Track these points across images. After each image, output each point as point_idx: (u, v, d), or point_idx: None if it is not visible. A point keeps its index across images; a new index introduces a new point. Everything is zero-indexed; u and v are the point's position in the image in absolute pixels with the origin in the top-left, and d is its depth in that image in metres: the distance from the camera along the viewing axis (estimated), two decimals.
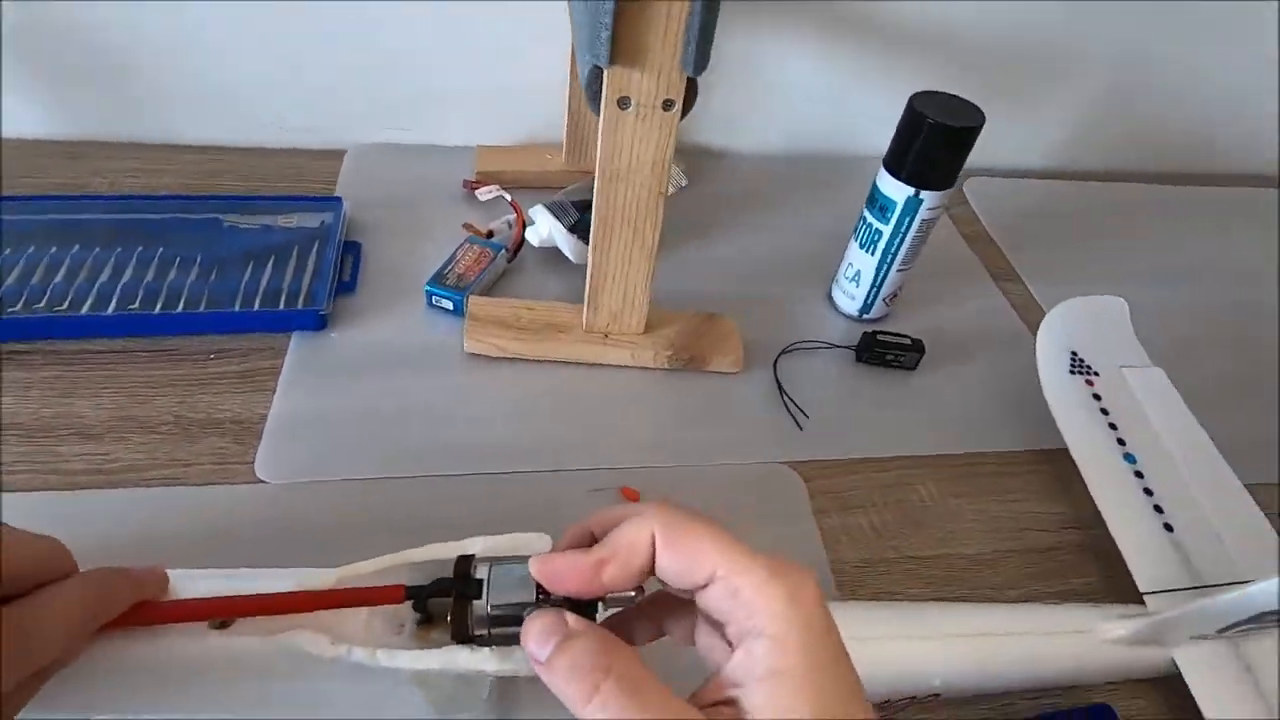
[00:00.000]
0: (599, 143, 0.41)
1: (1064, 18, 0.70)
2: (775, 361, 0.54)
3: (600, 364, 0.52)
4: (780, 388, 0.52)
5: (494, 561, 0.25)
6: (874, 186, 0.52)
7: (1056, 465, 0.49)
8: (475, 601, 0.24)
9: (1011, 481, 0.49)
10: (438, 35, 0.63)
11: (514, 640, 0.24)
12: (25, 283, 0.49)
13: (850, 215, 0.57)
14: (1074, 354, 0.49)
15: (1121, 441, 0.45)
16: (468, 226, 0.60)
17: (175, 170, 0.63)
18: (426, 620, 0.26)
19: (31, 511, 0.39)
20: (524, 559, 0.25)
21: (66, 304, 0.48)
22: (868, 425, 0.51)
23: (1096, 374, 0.48)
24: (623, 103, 0.39)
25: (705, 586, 0.24)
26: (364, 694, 0.26)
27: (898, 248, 0.53)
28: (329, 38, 0.62)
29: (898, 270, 0.54)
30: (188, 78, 0.63)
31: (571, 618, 0.23)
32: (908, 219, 0.51)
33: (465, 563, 0.25)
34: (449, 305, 0.53)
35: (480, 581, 0.25)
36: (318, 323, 0.51)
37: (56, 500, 0.40)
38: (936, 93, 0.50)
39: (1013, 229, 0.71)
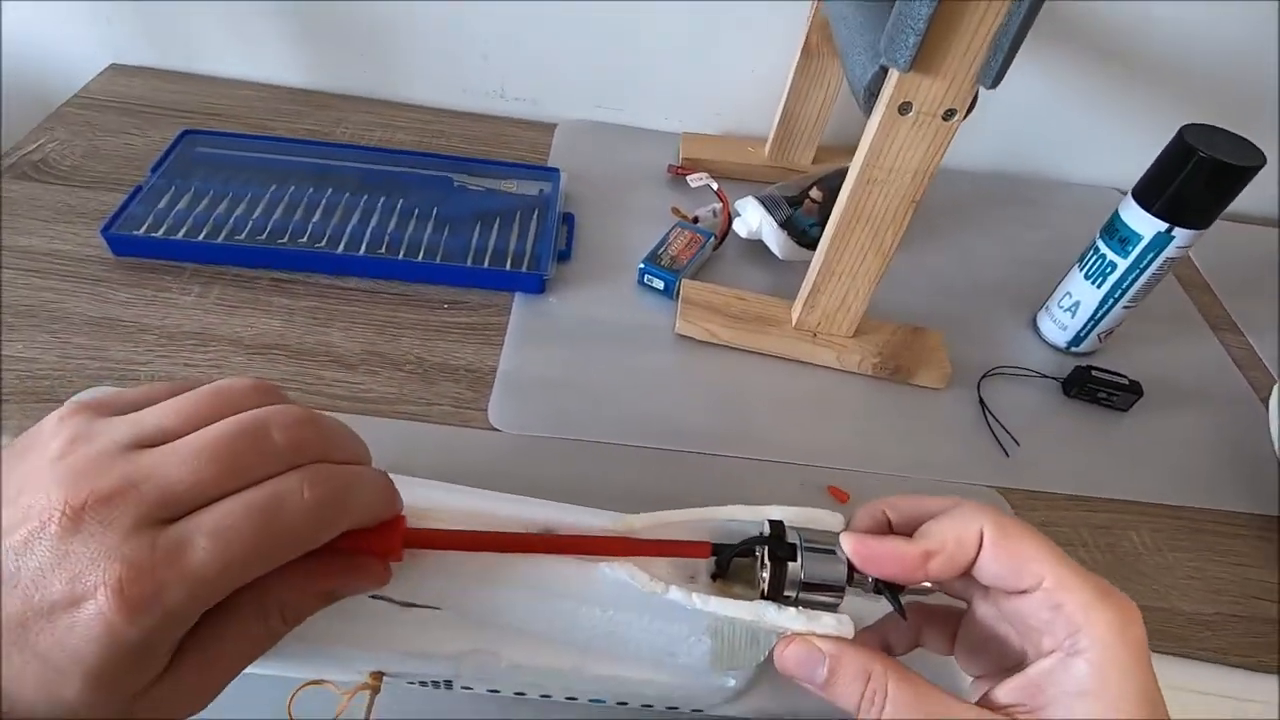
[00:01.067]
0: (864, 143, 0.42)
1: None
2: (979, 383, 0.53)
3: (805, 362, 0.52)
4: (986, 409, 0.51)
5: (800, 531, 0.27)
6: (1115, 216, 0.50)
7: None
8: (791, 564, 0.25)
9: (1235, 543, 0.46)
10: (654, 20, 0.65)
11: (817, 606, 0.25)
12: (289, 218, 0.54)
13: (1056, 242, 0.55)
14: None
15: None
16: (676, 211, 0.61)
17: (404, 127, 0.67)
18: (718, 576, 0.28)
19: None
20: (829, 534, 0.26)
21: (324, 241, 0.53)
22: (1078, 462, 0.49)
23: None
24: (904, 108, 0.39)
25: (1026, 592, 0.24)
26: (659, 631, 0.27)
27: (1131, 283, 0.51)
28: (552, 13, 0.64)
29: (1123, 307, 0.52)
30: (425, 42, 0.67)
31: (820, 640, 0.25)
32: (1151, 255, 0.49)
33: (779, 526, 0.27)
34: (660, 285, 0.55)
35: (794, 546, 0.26)
36: (540, 286, 0.53)
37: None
38: (1208, 126, 0.47)
39: (1232, 277, 0.66)
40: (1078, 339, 0.55)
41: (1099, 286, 0.52)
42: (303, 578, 0.23)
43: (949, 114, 0.39)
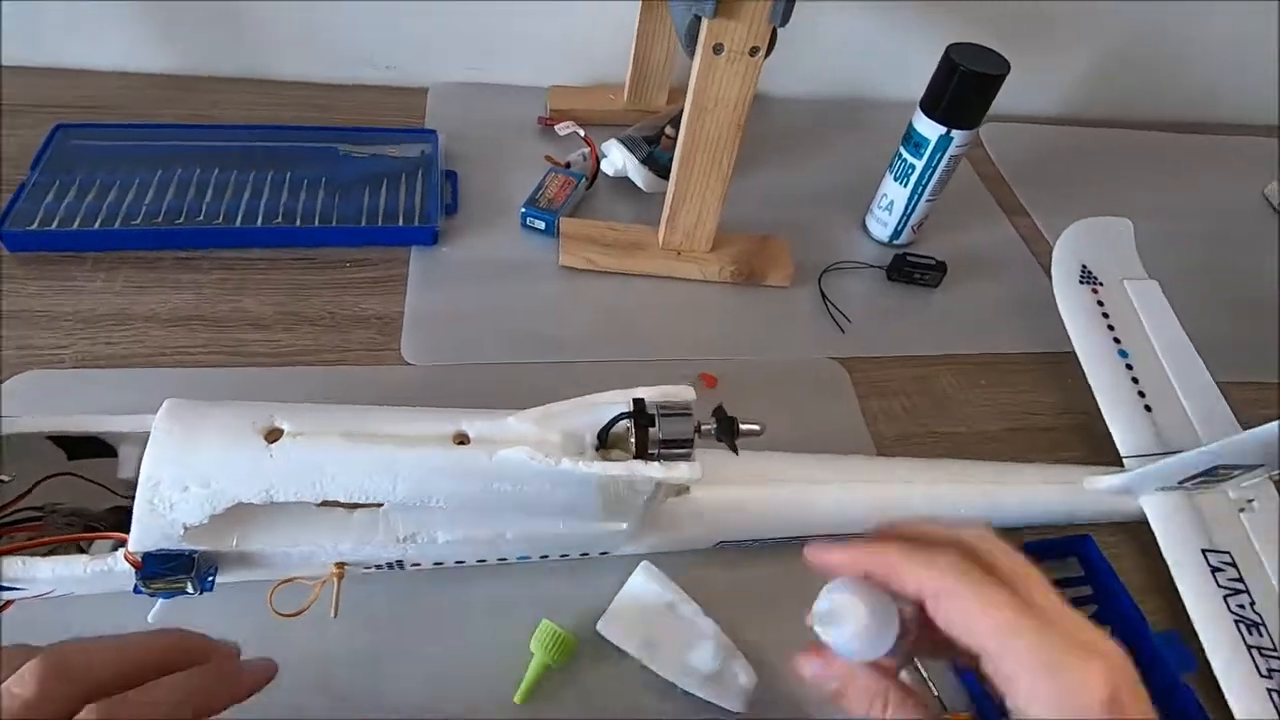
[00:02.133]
0: (691, 81, 0.49)
1: None
2: (820, 278, 0.63)
3: (673, 277, 0.60)
4: (825, 298, 0.61)
5: (661, 404, 0.34)
6: (910, 126, 0.61)
7: (1060, 365, 0.59)
8: (651, 429, 0.34)
9: (1020, 376, 0.59)
10: None
11: (676, 458, 0.34)
12: (182, 199, 0.57)
13: (879, 155, 0.65)
14: (1084, 266, 0.58)
15: (1118, 340, 0.54)
16: (549, 159, 0.67)
17: (283, 104, 0.70)
18: (602, 446, 0.35)
19: (227, 384, 0.48)
20: (681, 403, 0.34)
21: (221, 218, 0.56)
22: (899, 330, 0.61)
23: (1101, 284, 0.57)
24: (717, 49, 0.47)
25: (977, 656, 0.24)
26: (560, 495, 0.35)
27: (928, 180, 0.61)
28: None
29: (926, 200, 0.63)
30: (290, 17, 0.69)
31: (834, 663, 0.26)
32: (939, 155, 0.60)
33: (640, 403, 0.34)
34: (541, 225, 0.61)
35: (653, 415, 0.34)
36: (432, 238, 0.59)
37: (246, 375, 0.49)
38: (970, 44, 0.57)
39: (1024, 171, 0.79)
40: (896, 232, 0.66)
41: (905, 186, 0.63)
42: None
43: (754, 50, 0.47)
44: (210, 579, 0.34)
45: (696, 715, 0.39)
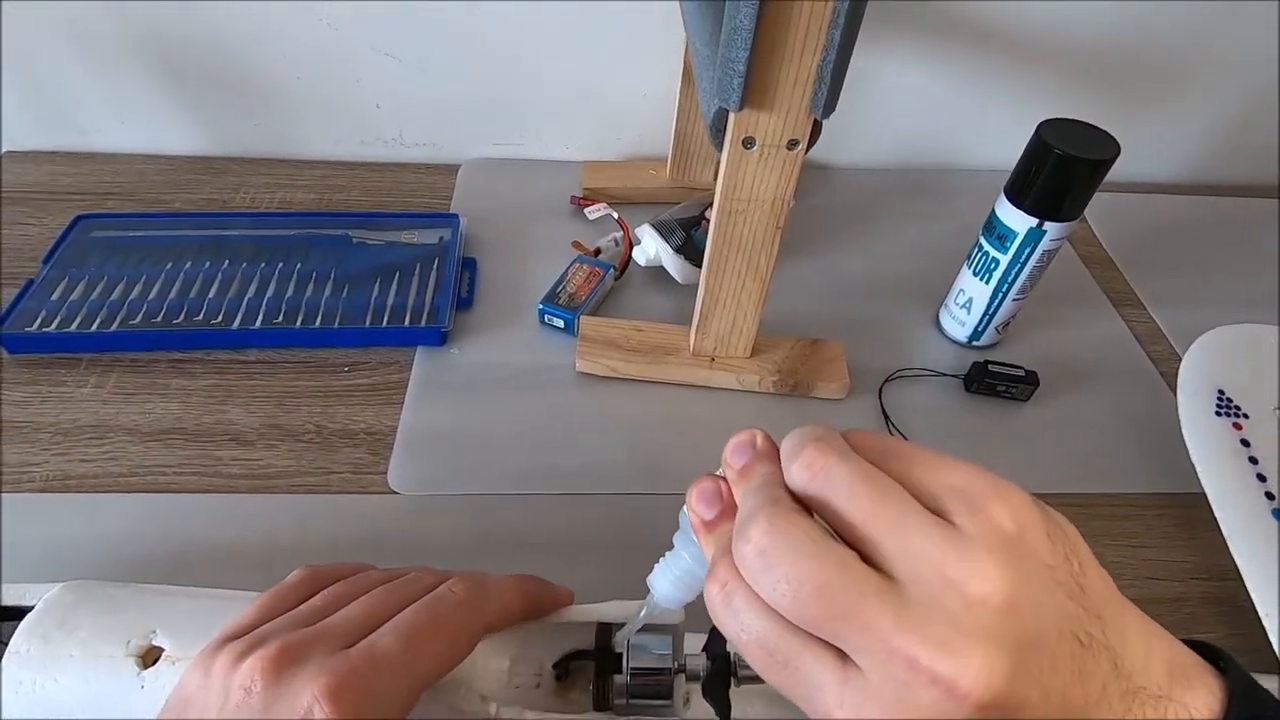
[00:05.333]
0: (718, 178, 0.42)
1: (1196, 20, 0.65)
2: (881, 389, 0.54)
3: (707, 387, 0.53)
4: (886, 416, 0.52)
5: (632, 634, 0.27)
6: (992, 215, 0.51)
7: (1186, 511, 0.47)
8: (616, 676, 0.26)
9: (1134, 525, 0.47)
10: (540, 50, 0.65)
11: (651, 711, 0.26)
12: (184, 296, 0.54)
13: (960, 232, 0.56)
14: (1221, 392, 0.46)
15: (1270, 496, 0.43)
16: (576, 245, 0.61)
17: (305, 185, 0.67)
18: (565, 677, 0.28)
19: (200, 511, 0.44)
20: (662, 628, 0.27)
21: (220, 317, 0.53)
22: (979, 458, 0.49)
23: (1246, 416, 0.46)
24: (747, 143, 0.39)
25: None
26: None
27: (1014, 277, 0.51)
28: (439, 55, 0.65)
29: (1013, 300, 0.53)
30: (316, 96, 0.67)
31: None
32: (1028, 249, 0.50)
33: (606, 634, 0.27)
34: (561, 324, 0.55)
35: (619, 655, 0.26)
36: (440, 339, 0.54)
37: (218, 502, 0.44)
38: (1065, 120, 0.48)
39: (1136, 250, 0.67)
40: (976, 333, 0.56)
41: (986, 283, 0.53)
42: None
43: (792, 144, 0.39)
44: None
45: None
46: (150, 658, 0.25)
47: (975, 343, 0.57)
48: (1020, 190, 0.49)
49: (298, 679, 0.22)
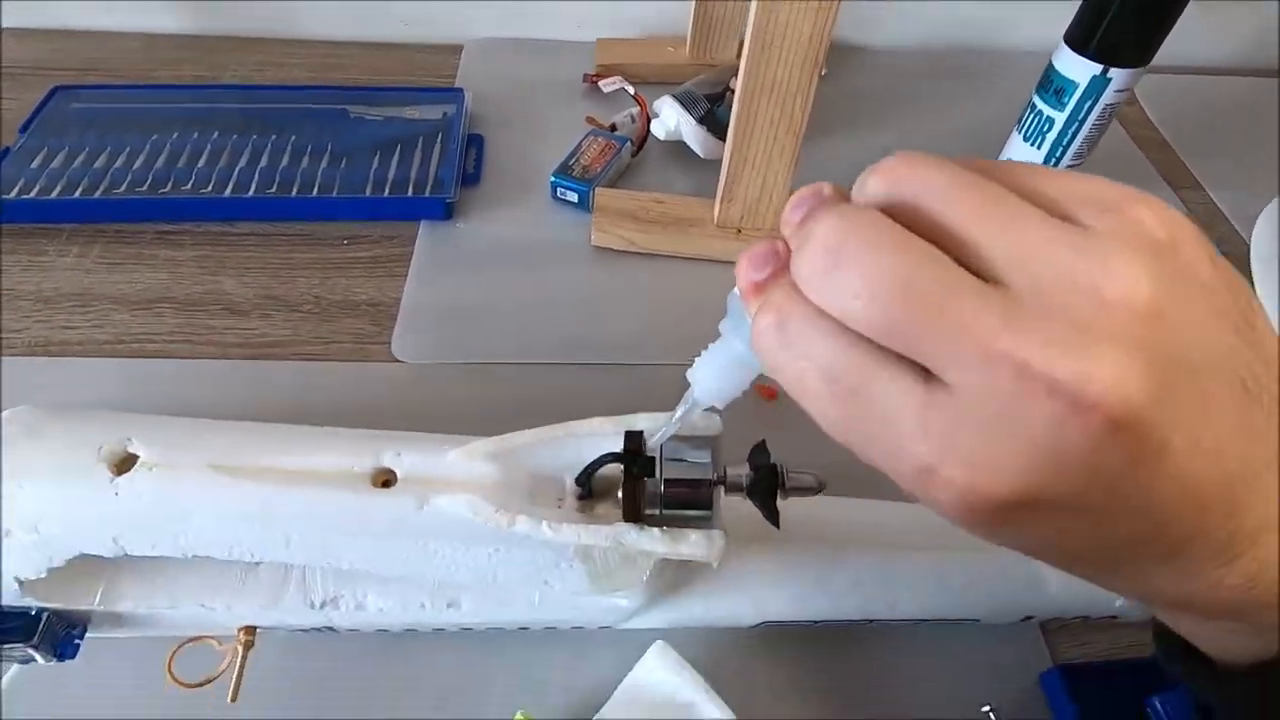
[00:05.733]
0: (753, 5, 0.38)
1: None
2: None
3: (731, 262, 0.49)
4: None
5: (665, 439, 0.24)
6: (1049, 69, 0.46)
7: None
8: (649, 479, 0.23)
9: None
10: None
11: (685, 522, 0.23)
12: (171, 166, 0.50)
13: (1001, 117, 0.51)
14: None
15: None
16: (590, 120, 0.57)
17: (301, 64, 0.63)
18: (588, 495, 0.25)
19: (194, 377, 0.41)
20: (698, 438, 0.24)
21: (210, 187, 0.49)
22: None
23: None
24: None
25: None
26: (526, 560, 0.25)
27: (1071, 139, 0.47)
28: None
29: (1067, 166, 0.49)
30: None
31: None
32: (1089, 102, 0.45)
33: (636, 439, 0.24)
34: (574, 197, 0.51)
35: (652, 459, 0.23)
36: (445, 212, 0.50)
37: (212, 367, 0.41)
38: None
39: (1191, 133, 0.62)
40: None
41: (1038, 147, 0.48)
42: None
43: None
44: (73, 644, 0.26)
45: None
46: (125, 465, 0.23)
47: None
48: (1084, 35, 0.44)
49: None
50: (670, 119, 0.54)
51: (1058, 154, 0.48)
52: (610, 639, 0.32)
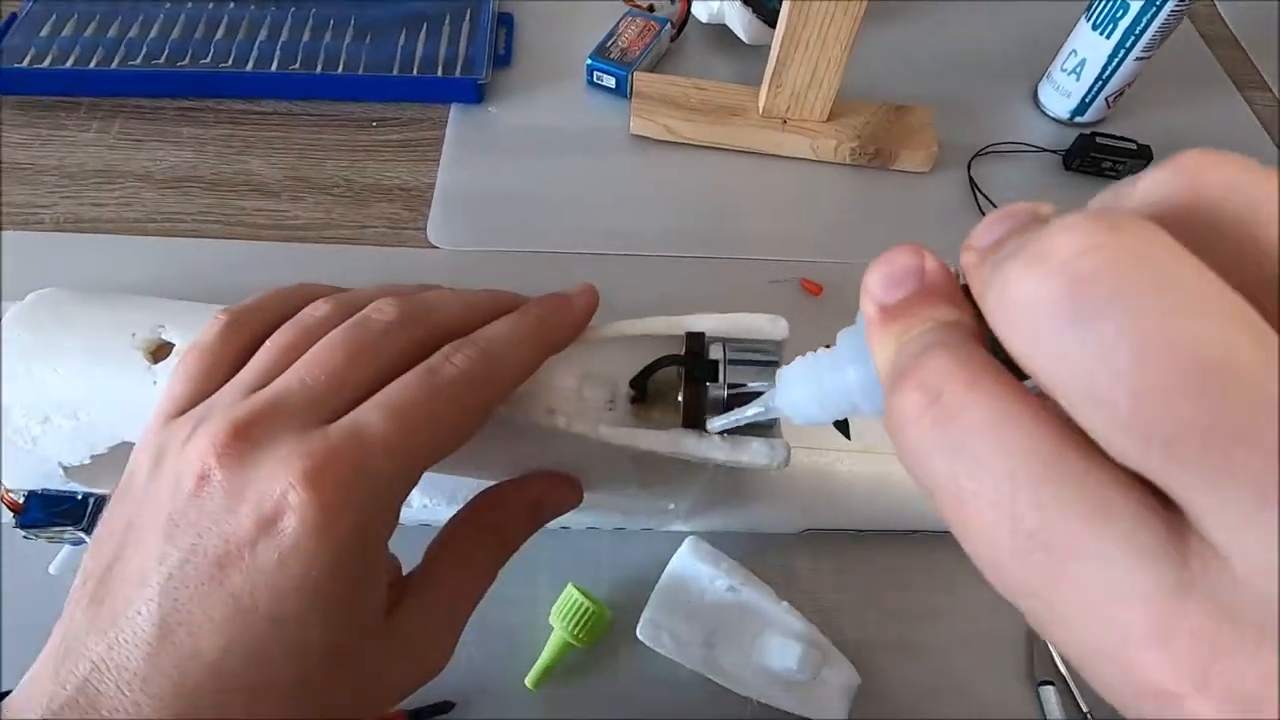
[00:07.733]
0: None
1: None
2: (970, 163, 0.48)
3: (776, 154, 0.47)
4: (975, 189, 0.46)
5: (728, 342, 0.23)
6: None
7: None
8: (711, 384, 0.22)
9: None
10: None
11: (751, 431, 0.22)
12: (187, 38, 0.48)
13: (1068, 8, 0.48)
14: None
15: None
16: (629, 0, 0.54)
17: None
18: (641, 398, 0.24)
19: (226, 256, 0.40)
20: (761, 343, 0.23)
21: (230, 61, 0.47)
22: None
23: None
24: None
25: None
26: (573, 460, 0.25)
27: (1145, 27, 0.44)
28: None
29: (1135, 59, 0.46)
30: None
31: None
32: None
33: (698, 341, 0.23)
34: (611, 82, 0.49)
35: (715, 363, 0.22)
36: (476, 94, 0.48)
37: (244, 249, 0.41)
38: None
39: (1265, 32, 0.58)
40: (1082, 106, 0.49)
41: (1108, 36, 0.45)
42: (510, 490, 0.24)
43: None
44: None
45: None
46: (161, 353, 0.22)
47: (1079, 118, 0.50)
48: None
49: (264, 461, 0.17)
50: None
51: (1128, 44, 0.45)
52: (656, 535, 0.32)
